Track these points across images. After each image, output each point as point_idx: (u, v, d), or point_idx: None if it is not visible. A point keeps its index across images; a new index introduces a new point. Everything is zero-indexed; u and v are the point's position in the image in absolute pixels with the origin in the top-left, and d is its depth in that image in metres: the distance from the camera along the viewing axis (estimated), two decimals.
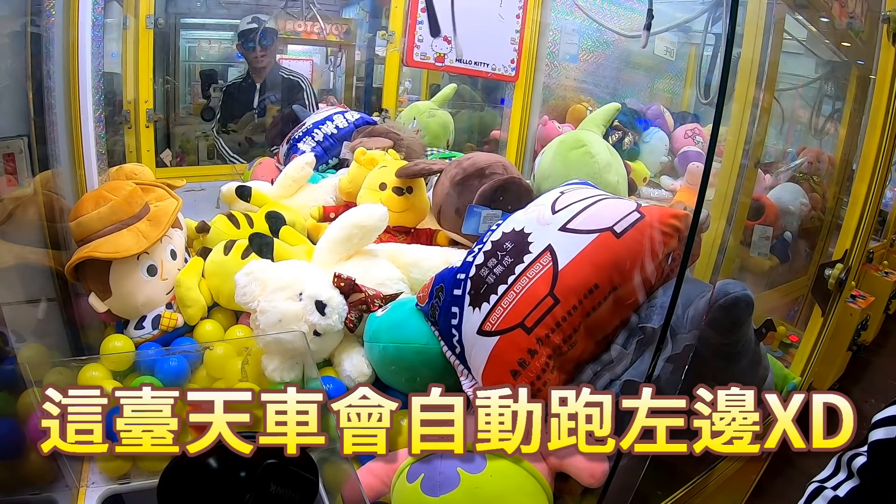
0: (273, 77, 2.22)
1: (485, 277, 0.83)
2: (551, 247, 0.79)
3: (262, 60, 2.17)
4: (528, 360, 0.76)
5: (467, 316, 0.84)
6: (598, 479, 0.71)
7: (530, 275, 0.78)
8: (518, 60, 2.14)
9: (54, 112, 1.06)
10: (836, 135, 1.95)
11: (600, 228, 0.78)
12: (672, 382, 0.73)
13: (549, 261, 0.78)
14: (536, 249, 0.80)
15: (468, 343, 0.84)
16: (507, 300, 0.79)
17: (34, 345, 0.98)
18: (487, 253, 0.86)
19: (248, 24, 2.12)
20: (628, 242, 0.75)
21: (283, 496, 0.66)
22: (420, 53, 2.05)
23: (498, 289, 0.81)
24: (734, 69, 1.25)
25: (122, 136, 1.81)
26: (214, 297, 1.14)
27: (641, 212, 0.79)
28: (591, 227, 0.79)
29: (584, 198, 0.86)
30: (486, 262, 0.85)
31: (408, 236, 1.38)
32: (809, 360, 1.33)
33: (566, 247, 0.78)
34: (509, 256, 0.82)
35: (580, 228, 0.79)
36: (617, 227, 0.77)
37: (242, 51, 2.16)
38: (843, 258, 1.27)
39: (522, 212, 0.92)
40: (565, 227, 0.81)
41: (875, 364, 2.94)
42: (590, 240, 0.77)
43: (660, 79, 2.57)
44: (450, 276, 0.91)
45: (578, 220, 0.81)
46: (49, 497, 0.82)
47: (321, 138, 1.88)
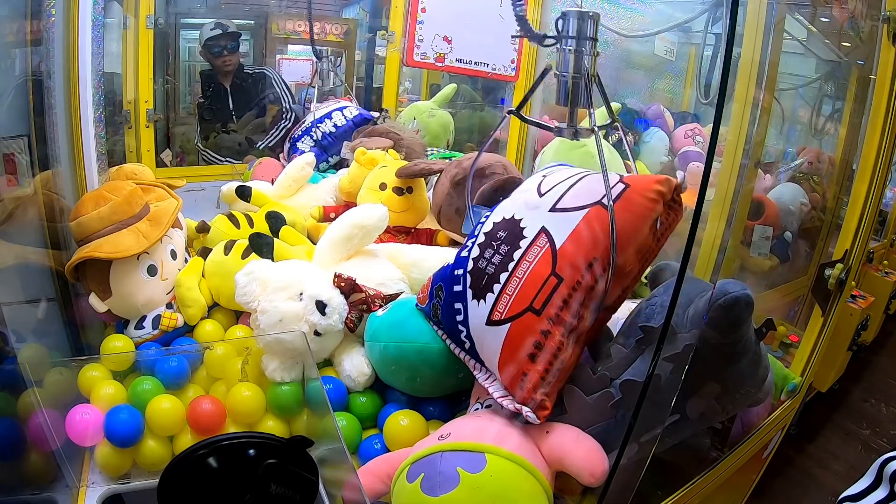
0: (239, 77, 2.25)
1: (484, 269, 0.84)
2: (545, 228, 0.81)
3: (229, 65, 2.20)
4: (542, 341, 0.76)
5: (472, 310, 0.84)
6: (598, 478, 0.71)
7: (530, 258, 0.80)
8: (518, 60, 2.14)
9: (54, 112, 1.06)
10: (836, 135, 1.95)
11: (589, 203, 0.80)
12: (672, 382, 0.73)
13: (545, 242, 0.79)
14: (531, 233, 0.81)
15: (478, 336, 0.84)
16: (511, 287, 0.80)
17: (34, 345, 0.98)
18: (482, 245, 0.87)
19: (212, 30, 2.14)
20: (618, 212, 0.77)
21: (283, 496, 0.66)
22: (420, 53, 2.05)
23: (500, 277, 0.81)
24: (734, 69, 1.25)
25: (122, 136, 1.82)
26: (214, 297, 1.14)
27: (626, 182, 0.81)
28: (580, 204, 0.80)
29: (567, 177, 0.87)
30: (482, 254, 0.85)
31: (408, 236, 1.38)
32: (809, 360, 1.33)
33: (559, 226, 0.80)
34: (505, 244, 0.83)
35: (570, 206, 0.81)
36: (605, 200, 0.78)
37: (209, 57, 2.18)
38: (843, 258, 1.27)
39: (509, 200, 0.93)
40: (555, 207, 0.82)
41: (875, 364, 2.94)
42: (581, 216, 0.79)
43: (660, 79, 2.57)
44: (447, 273, 0.91)
45: (566, 199, 0.82)
46: (49, 497, 0.82)
47: (320, 136, 1.89)
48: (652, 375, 0.69)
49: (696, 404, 0.82)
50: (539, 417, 0.76)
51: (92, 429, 0.86)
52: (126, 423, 0.86)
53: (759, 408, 1.14)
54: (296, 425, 0.96)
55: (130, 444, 0.86)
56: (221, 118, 2.24)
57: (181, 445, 0.88)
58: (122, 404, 0.89)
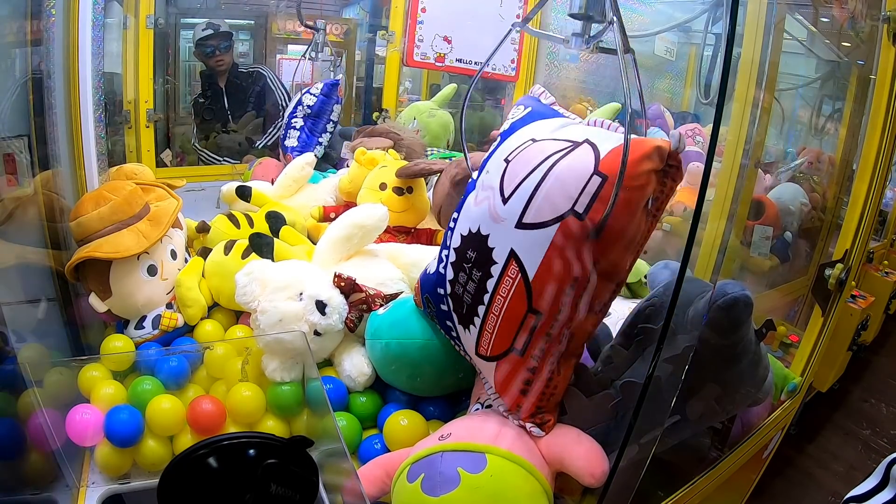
0: (234, 76, 2.26)
1: (461, 296, 0.80)
2: (514, 252, 0.72)
3: (221, 65, 2.21)
4: (531, 377, 0.75)
5: (462, 334, 0.83)
6: (598, 479, 0.71)
7: (503, 293, 0.73)
8: (518, 60, 2.14)
9: (54, 112, 1.06)
10: (836, 135, 1.95)
11: (560, 215, 0.68)
12: (672, 383, 0.73)
13: (516, 272, 0.72)
14: (500, 257, 0.73)
15: (472, 359, 0.84)
16: (490, 324, 0.76)
17: (34, 345, 0.98)
18: (455, 265, 0.81)
19: (204, 30, 2.14)
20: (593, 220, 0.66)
21: (283, 496, 0.66)
22: (420, 53, 2.05)
23: (478, 310, 0.77)
24: (734, 69, 1.25)
25: (122, 136, 1.82)
26: (215, 297, 1.14)
27: (602, 171, 0.67)
28: (549, 217, 0.69)
29: (533, 165, 0.73)
30: (457, 278, 0.80)
31: (408, 236, 1.38)
32: (809, 360, 1.33)
33: (529, 249, 0.71)
34: (477, 269, 0.77)
35: (538, 221, 0.70)
36: (578, 207, 0.67)
37: (202, 58, 2.19)
38: (843, 258, 1.27)
39: (473, 198, 0.81)
40: (521, 223, 0.72)
41: (875, 364, 2.94)
42: (552, 233, 0.69)
43: (660, 79, 2.56)
44: (431, 286, 0.88)
45: (533, 209, 0.71)
46: (49, 497, 0.82)
47: (301, 124, 1.87)
48: (652, 377, 0.69)
49: (696, 405, 0.82)
50: (545, 431, 0.77)
51: (92, 429, 0.86)
52: (126, 423, 0.86)
53: (759, 408, 1.14)
54: (296, 425, 0.96)
55: (130, 444, 0.86)
56: (217, 118, 2.24)
57: (181, 445, 0.88)
58: (122, 404, 0.89)
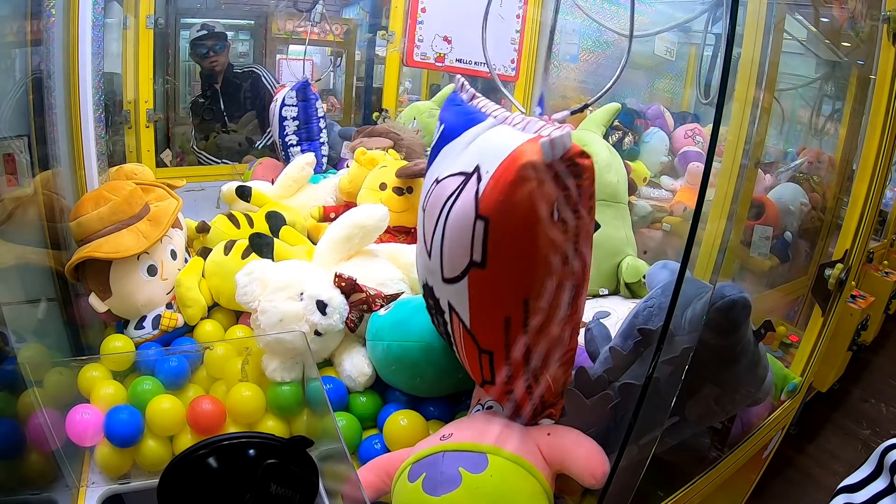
0: (229, 77, 2.25)
1: (439, 326, 0.85)
2: (451, 305, 0.74)
3: (216, 65, 2.20)
4: (515, 398, 0.77)
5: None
6: (598, 479, 0.71)
7: (457, 338, 0.78)
8: (518, 60, 2.14)
9: (54, 112, 1.06)
10: (836, 135, 1.95)
11: (464, 269, 0.66)
12: (671, 384, 0.73)
13: (458, 322, 0.74)
14: (446, 308, 0.76)
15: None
16: (464, 360, 0.80)
17: (34, 345, 0.98)
18: (427, 309, 0.87)
19: (198, 31, 2.14)
20: (497, 265, 0.63)
21: (283, 496, 0.66)
22: (420, 53, 2.05)
23: (453, 346, 0.82)
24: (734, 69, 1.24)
25: (122, 136, 1.81)
26: (214, 297, 1.14)
27: (482, 214, 0.61)
28: (459, 271, 0.67)
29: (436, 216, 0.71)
30: (433, 318, 0.86)
31: (408, 236, 1.38)
32: (809, 360, 1.33)
33: (458, 301, 0.71)
34: (438, 315, 0.81)
35: (453, 277, 0.70)
36: (476, 257, 0.64)
37: (196, 59, 2.18)
38: (843, 258, 1.27)
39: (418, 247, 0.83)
40: (444, 277, 0.72)
41: (875, 364, 2.94)
42: (465, 286, 0.68)
43: (660, 79, 2.56)
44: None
45: (447, 265, 0.70)
46: (49, 497, 0.82)
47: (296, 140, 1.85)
48: (651, 378, 0.69)
49: (696, 406, 0.82)
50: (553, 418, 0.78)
51: (92, 429, 0.86)
52: (126, 423, 0.86)
53: (758, 408, 1.15)
54: (296, 425, 0.96)
55: (130, 444, 0.86)
56: (215, 118, 2.24)
57: (181, 445, 0.89)
58: (122, 404, 0.89)
